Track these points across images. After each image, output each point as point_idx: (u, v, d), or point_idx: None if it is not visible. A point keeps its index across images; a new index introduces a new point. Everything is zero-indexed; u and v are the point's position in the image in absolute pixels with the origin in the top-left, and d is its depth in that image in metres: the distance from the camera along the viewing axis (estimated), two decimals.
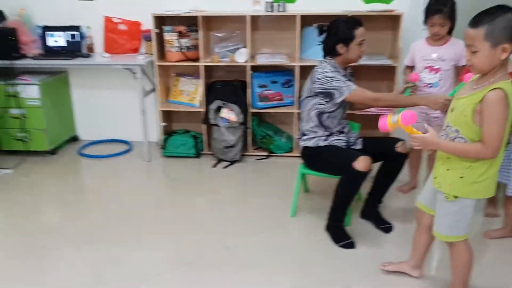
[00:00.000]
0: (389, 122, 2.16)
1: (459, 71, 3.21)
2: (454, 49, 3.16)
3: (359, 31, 2.86)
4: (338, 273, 2.63)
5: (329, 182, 3.06)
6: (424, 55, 3.23)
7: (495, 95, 1.87)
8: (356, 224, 3.13)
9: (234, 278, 2.60)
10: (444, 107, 2.51)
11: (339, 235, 2.94)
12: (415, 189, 3.62)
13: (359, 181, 2.76)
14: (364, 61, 3.90)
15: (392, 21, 4.04)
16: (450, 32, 3.18)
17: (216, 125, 4.17)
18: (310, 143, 3.00)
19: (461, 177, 2.05)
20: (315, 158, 3.03)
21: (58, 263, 2.76)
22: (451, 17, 3.10)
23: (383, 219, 3.12)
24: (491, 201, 3.20)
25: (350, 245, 2.87)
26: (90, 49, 4.45)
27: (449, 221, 2.16)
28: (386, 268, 2.61)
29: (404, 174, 3.30)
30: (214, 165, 4.18)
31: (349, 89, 2.83)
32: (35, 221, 3.25)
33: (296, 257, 2.81)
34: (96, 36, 4.48)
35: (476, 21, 1.86)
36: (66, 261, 2.78)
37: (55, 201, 3.59)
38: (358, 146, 3.03)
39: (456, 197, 2.09)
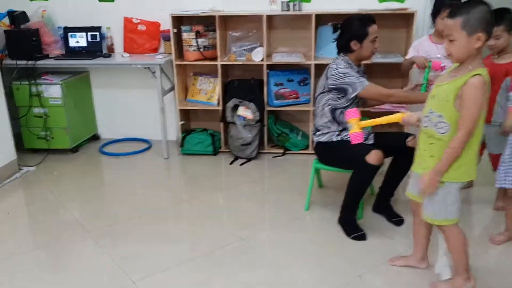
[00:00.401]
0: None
1: None
2: None
3: (372, 28, 2.92)
4: (350, 264, 2.68)
5: (342, 176, 3.11)
6: (429, 52, 3.21)
7: (477, 80, 2.01)
8: (368, 218, 3.17)
9: (250, 268, 2.67)
10: None
11: (351, 227, 2.99)
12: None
13: (371, 174, 2.82)
14: (378, 59, 3.96)
15: (405, 19, 4.07)
16: None
17: (233, 123, 4.25)
18: (323, 138, 3.06)
19: None
20: (328, 153, 3.09)
21: (80, 257, 2.85)
22: None
23: (395, 212, 3.16)
24: (501, 195, 3.21)
25: (361, 237, 2.93)
26: (111, 49, 4.57)
27: (438, 206, 2.23)
28: (394, 263, 2.65)
29: None
30: (231, 163, 4.26)
31: (362, 85, 2.89)
32: (58, 217, 3.36)
33: (310, 248, 2.87)
34: (116, 37, 4.60)
35: (454, 13, 2.02)
36: (88, 254, 2.88)
37: (77, 197, 3.70)
38: (370, 141, 3.07)
39: (442, 182, 2.17)
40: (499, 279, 2.53)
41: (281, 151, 4.42)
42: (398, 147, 2.99)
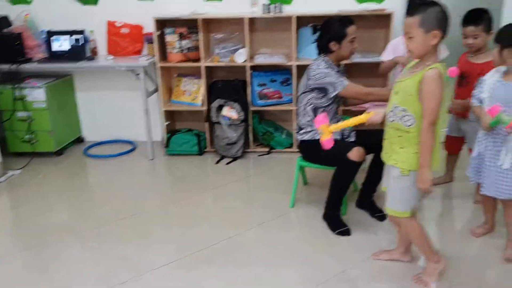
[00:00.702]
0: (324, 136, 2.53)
1: None
2: None
3: (351, 29, 3.02)
4: (335, 259, 2.77)
5: (326, 174, 3.19)
6: (404, 52, 3.25)
7: (432, 73, 2.16)
8: (352, 213, 3.28)
9: (238, 266, 2.75)
10: None
11: (336, 223, 3.09)
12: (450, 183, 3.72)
13: (354, 171, 2.93)
14: (358, 59, 4.06)
15: (383, 20, 4.18)
16: None
17: (218, 123, 4.32)
18: (306, 137, 3.16)
19: (415, 153, 2.28)
20: (311, 151, 3.18)
21: (68, 259, 2.89)
22: None
23: (377, 207, 3.26)
24: (478, 189, 3.33)
25: (346, 232, 3.02)
26: (94, 52, 4.59)
27: (405, 195, 2.37)
28: (379, 258, 2.76)
29: None
30: (217, 162, 4.33)
31: (342, 84, 2.99)
32: (45, 219, 3.38)
33: (296, 245, 2.96)
34: (100, 40, 4.62)
35: (412, 11, 2.18)
36: (76, 256, 2.92)
37: (63, 199, 3.73)
38: (352, 139, 3.18)
39: (408, 171, 2.31)
40: (473, 269, 2.66)
41: (266, 149, 4.50)
42: (378, 144, 3.08)
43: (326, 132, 2.54)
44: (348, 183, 3.02)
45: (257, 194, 3.71)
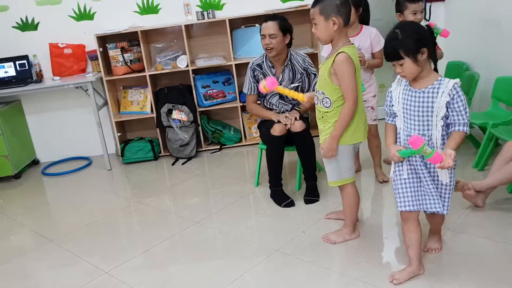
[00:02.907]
0: (263, 86, 2.68)
1: (375, 58, 3.39)
2: (368, 37, 3.33)
3: (262, 26, 3.39)
4: (294, 224, 3.14)
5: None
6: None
7: (341, 56, 2.45)
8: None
9: (209, 246, 3.06)
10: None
11: (279, 197, 3.43)
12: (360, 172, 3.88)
13: (277, 145, 3.33)
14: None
15: (308, 15, 4.59)
16: (363, 21, 3.39)
17: (170, 126, 4.59)
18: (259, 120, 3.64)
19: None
20: (260, 133, 3.62)
21: (50, 261, 3.09)
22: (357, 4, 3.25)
23: (310, 192, 3.44)
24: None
25: (290, 203, 3.37)
26: (39, 75, 4.74)
27: (334, 167, 2.70)
28: (329, 217, 3.13)
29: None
30: (173, 163, 4.59)
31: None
32: (18, 233, 3.56)
33: (258, 218, 3.32)
34: (44, 62, 4.77)
35: (315, 2, 2.50)
36: (56, 257, 3.12)
37: (31, 215, 3.88)
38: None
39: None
40: None
41: (218, 147, 4.81)
42: (292, 134, 3.38)
43: (281, 91, 2.82)
44: (276, 157, 3.39)
45: (216, 184, 4.02)
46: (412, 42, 2.11)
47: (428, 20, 4.47)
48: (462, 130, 2.14)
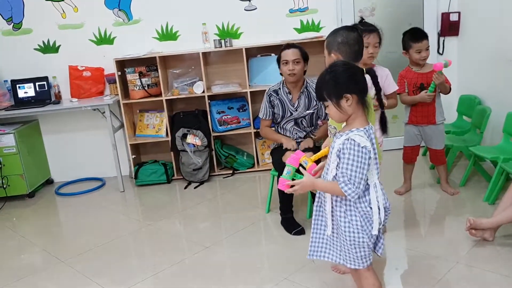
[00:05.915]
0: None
1: (389, 98, 3.25)
2: (380, 78, 3.17)
3: (284, 53, 3.49)
4: (303, 252, 3.12)
5: None
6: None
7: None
8: None
9: (218, 272, 3.07)
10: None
11: (289, 224, 3.44)
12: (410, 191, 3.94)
13: None
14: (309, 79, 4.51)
15: (323, 45, 4.66)
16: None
17: (184, 150, 4.64)
18: (272, 146, 3.71)
19: None
20: (273, 160, 3.65)
21: (60, 282, 3.11)
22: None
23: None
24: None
25: (300, 231, 3.37)
26: (58, 96, 4.85)
27: None
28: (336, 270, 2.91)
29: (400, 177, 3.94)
30: (186, 187, 4.63)
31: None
32: (30, 253, 3.59)
33: (267, 246, 3.32)
34: (63, 84, 4.88)
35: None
36: (66, 277, 3.14)
37: (43, 235, 3.92)
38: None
39: None
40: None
41: (230, 172, 4.84)
42: None
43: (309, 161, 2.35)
44: None
45: (227, 209, 4.05)
46: (333, 87, 2.00)
47: (442, 54, 4.52)
48: (339, 185, 2.00)
